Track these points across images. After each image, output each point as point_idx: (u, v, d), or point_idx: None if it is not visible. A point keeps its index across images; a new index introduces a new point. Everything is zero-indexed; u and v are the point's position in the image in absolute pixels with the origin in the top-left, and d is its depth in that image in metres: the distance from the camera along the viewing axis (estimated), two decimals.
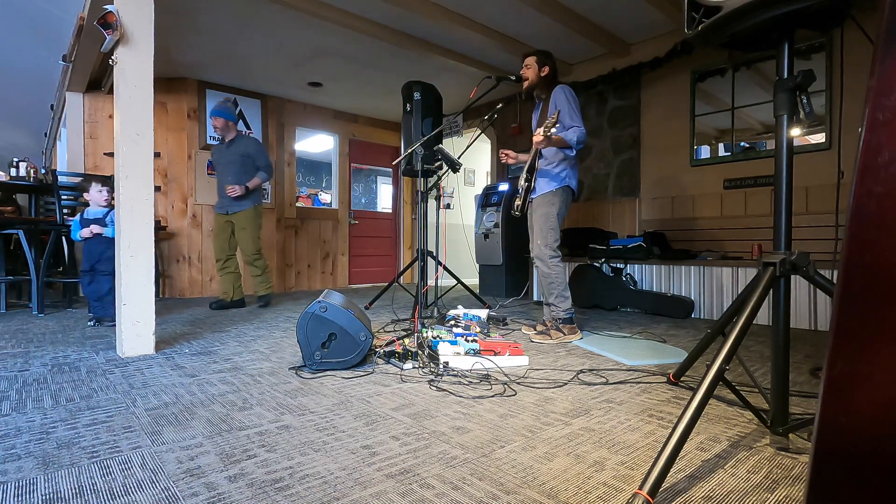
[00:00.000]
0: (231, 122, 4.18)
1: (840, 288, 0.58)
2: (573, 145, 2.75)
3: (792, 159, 1.35)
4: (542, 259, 2.86)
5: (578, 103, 2.85)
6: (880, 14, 0.56)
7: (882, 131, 0.55)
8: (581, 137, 2.75)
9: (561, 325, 2.85)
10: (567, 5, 3.92)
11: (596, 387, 1.93)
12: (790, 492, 1.10)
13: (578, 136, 2.73)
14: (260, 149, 4.28)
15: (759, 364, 2.27)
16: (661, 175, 4.52)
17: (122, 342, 2.43)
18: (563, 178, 2.86)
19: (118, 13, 2.37)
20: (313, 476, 1.16)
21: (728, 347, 1.22)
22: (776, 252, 1.35)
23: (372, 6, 3.84)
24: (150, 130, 2.51)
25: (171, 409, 1.66)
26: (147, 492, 1.09)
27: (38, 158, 8.54)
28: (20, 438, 1.39)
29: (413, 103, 3.69)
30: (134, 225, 2.46)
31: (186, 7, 3.77)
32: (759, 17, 1.24)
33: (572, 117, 2.76)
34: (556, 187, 2.86)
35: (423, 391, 1.85)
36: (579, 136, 2.74)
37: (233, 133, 4.22)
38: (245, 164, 4.17)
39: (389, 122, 7.08)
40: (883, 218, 0.55)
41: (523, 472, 1.18)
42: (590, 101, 5.00)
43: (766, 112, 3.88)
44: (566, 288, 2.86)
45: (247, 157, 4.18)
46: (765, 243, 3.65)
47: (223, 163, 4.22)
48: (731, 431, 1.46)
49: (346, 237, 6.68)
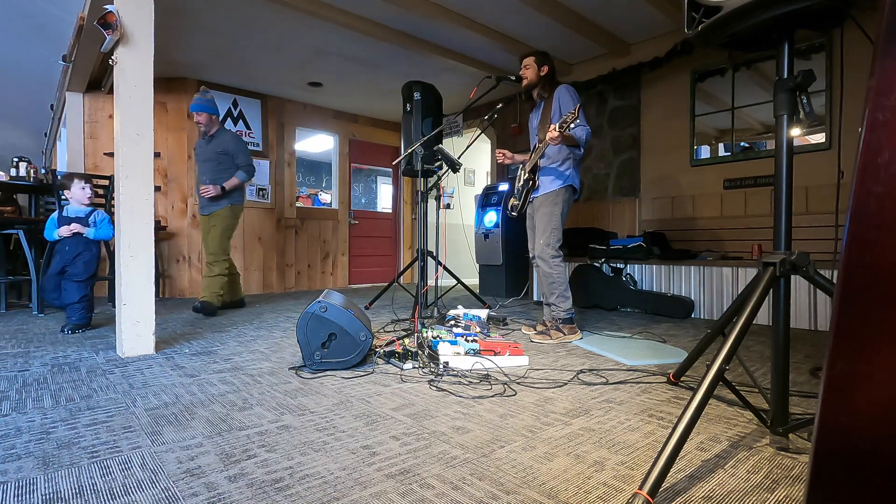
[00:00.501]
0: (214, 115, 3.90)
1: (840, 288, 0.58)
2: (581, 143, 2.76)
3: (792, 159, 1.35)
4: (544, 259, 2.86)
5: (580, 102, 2.86)
6: (880, 14, 0.56)
7: (882, 131, 0.55)
8: (588, 136, 2.77)
9: (561, 325, 2.85)
10: (567, 5, 3.92)
11: (596, 387, 1.93)
12: (790, 492, 1.10)
13: (587, 134, 2.75)
14: (240, 145, 3.93)
15: (759, 364, 2.26)
16: (661, 175, 4.52)
17: (122, 342, 2.43)
18: (567, 177, 2.86)
19: (118, 13, 2.37)
20: (313, 476, 1.16)
21: (728, 347, 1.22)
22: (776, 252, 1.35)
23: (372, 6, 3.84)
24: (150, 130, 2.51)
25: (171, 409, 1.66)
26: (147, 492, 1.09)
27: (39, 158, 8.54)
28: (20, 438, 1.39)
29: (413, 103, 3.69)
30: (134, 225, 2.46)
31: (186, 7, 3.77)
32: (759, 17, 1.24)
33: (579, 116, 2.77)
34: (560, 186, 2.85)
35: (423, 391, 1.85)
36: (587, 134, 2.75)
37: (216, 127, 3.93)
38: (223, 163, 3.87)
39: (389, 122, 7.08)
40: (883, 218, 0.55)
41: (523, 472, 1.18)
42: (590, 101, 5.00)
43: (766, 112, 3.88)
44: (567, 288, 2.86)
45: (225, 154, 3.86)
46: (765, 243, 3.65)
47: (201, 160, 3.94)
48: (731, 431, 1.46)
49: (346, 237, 6.68)
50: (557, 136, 2.60)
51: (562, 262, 2.86)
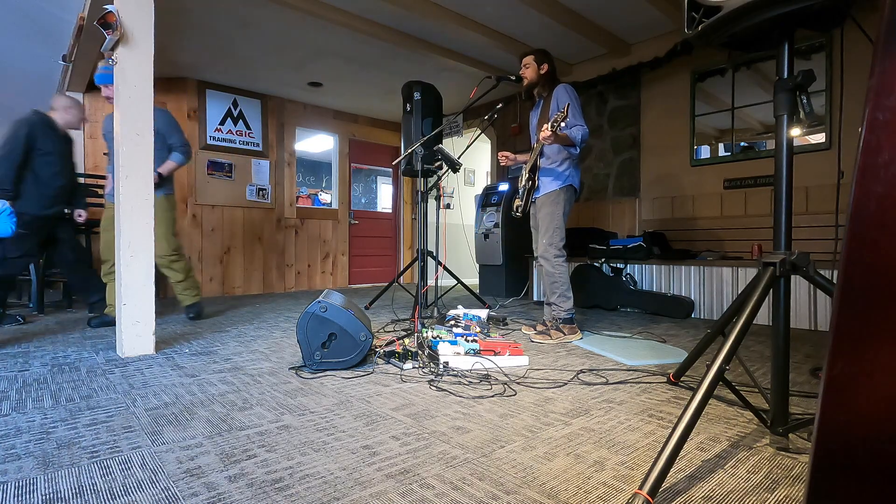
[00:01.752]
0: None
1: (840, 288, 0.58)
2: (577, 143, 2.75)
3: (792, 159, 1.35)
4: (547, 258, 2.86)
5: (580, 102, 2.86)
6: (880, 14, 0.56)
7: (882, 131, 0.55)
8: (585, 136, 2.75)
9: (561, 325, 2.85)
10: (567, 5, 3.92)
11: (596, 387, 1.93)
12: (790, 492, 1.10)
13: (583, 134, 2.74)
14: (171, 123, 3.32)
15: (759, 364, 2.26)
16: (661, 175, 4.52)
17: (122, 342, 2.43)
18: (567, 177, 2.86)
19: (118, 13, 2.37)
20: (313, 476, 1.16)
21: (728, 347, 1.22)
22: (776, 252, 1.35)
23: (372, 6, 3.84)
24: (150, 130, 2.51)
25: (171, 409, 1.66)
26: (147, 492, 1.09)
27: None
28: (20, 438, 1.39)
29: (413, 103, 3.69)
30: (134, 225, 2.46)
31: (186, 7, 3.77)
32: (759, 18, 1.24)
33: (575, 116, 2.76)
34: (561, 186, 2.86)
35: (423, 391, 1.85)
36: (584, 134, 2.74)
37: None
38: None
39: (389, 122, 7.08)
40: (883, 218, 0.55)
41: (523, 472, 1.18)
42: (590, 101, 5.00)
43: (766, 112, 3.88)
44: (569, 288, 2.86)
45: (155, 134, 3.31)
46: (765, 243, 3.65)
47: None
48: (731, 431, 1.46)
49: (346, 237, 6.68)
50: (549, 135, 2.60)
51: (565, 261, 2.86)
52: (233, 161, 5.63)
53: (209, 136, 5.44)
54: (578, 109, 2.80)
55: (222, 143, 5.56)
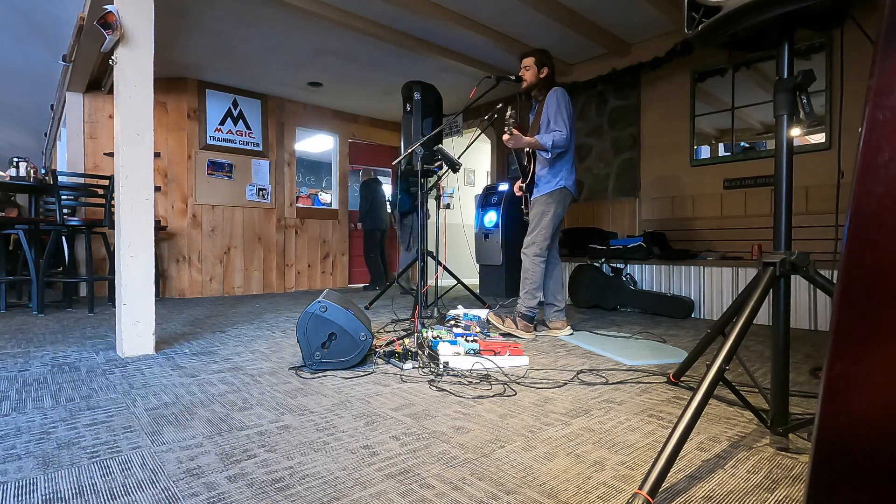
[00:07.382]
0: None
1: (840, 288, 0.58)
2: (547, 148, 2.76)
3: (792, 159, 1.35)
4: (527, 255, 2.93)
5: (570, 106, 2.84)
6: (880, 14, 0.56)
7: (882, 131, 0.55)
8: (559, 141, 2.75)
9: (518, 318, 2.91)
10: (567, 5, 3.92)
11: (596, 387, 1.93)
12: (790, 492, 1.10)
13: (556, 139, 2.74)
14: None
15: (759, 364, 2.26)
16: (661, 175, 4.52)
17: (122, 342, 2.43)
18: (559, 180, 2.88)
19: (118, 13, 2.37)
20: (313, 476, 1.16)
21: (728, 347, 1.21)
22: (776, 252, 1.35)
23: (372, 6, 3.83)
24: (150, 130, 2.51)
25: (171, 409, 1.66)
26: (147, 492, 1.09)
27: (38, 158, 8.54)
28: (20, 438, 1.39)
29: (413, 103, 3.69)
30: (134, 225, 2.46)
31: (187, 7, 3.77)
32: (759, 18, 1.24)
33: (556, 120, 2.77)
34: (552, 189, 2.88)
35: (423, 391, 1.85)
36: (557, 139, 2.74)
37: None
38: None
39: (389, 122, 7.08)
40: (883, 218, 0.55)
41: (523, 472, 1.18)
42: (590, 101, 5.00)
43: (766, 112, 3.88)
44: (539, 289, 2.90)
45: None
46: (765, 243, 3.65)
47: None
48: (731, 431, 1.46)
49: (346, 237, 6.68)
50: (508, 138, 2.68)
51: (542, 263, 2.89)
52: (233, 161, 5.64)
53: (209, 136, 5.44)
54: (565, 113, 2.79)
55: (222, 143, 5.56)
